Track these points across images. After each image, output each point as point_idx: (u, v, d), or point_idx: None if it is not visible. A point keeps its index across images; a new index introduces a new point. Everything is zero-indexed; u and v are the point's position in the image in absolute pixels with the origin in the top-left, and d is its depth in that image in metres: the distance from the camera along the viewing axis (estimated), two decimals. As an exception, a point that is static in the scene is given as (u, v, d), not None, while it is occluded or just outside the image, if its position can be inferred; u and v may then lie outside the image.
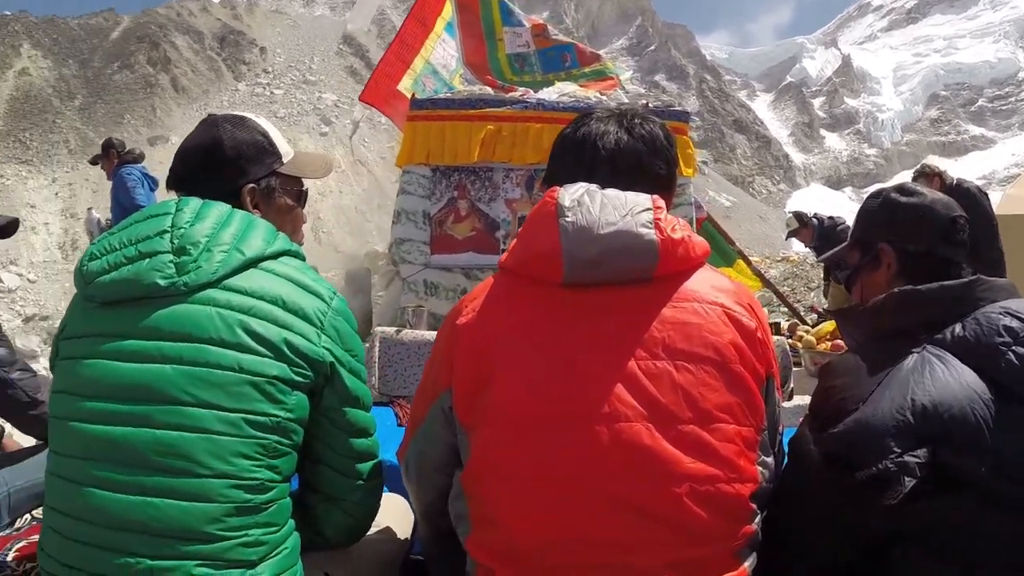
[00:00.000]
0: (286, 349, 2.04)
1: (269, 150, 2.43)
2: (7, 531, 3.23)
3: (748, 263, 9.99)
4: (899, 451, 1.84)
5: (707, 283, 2.00)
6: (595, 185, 2.03)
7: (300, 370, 2.06)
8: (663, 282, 1.96)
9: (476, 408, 1.97)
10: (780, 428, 2.16)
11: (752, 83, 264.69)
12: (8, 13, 66.95)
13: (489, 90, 7.22)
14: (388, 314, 6.63)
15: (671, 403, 1.85)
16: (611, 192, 2.00)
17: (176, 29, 70.98)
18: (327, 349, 2.12)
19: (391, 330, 4.95)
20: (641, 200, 1.98)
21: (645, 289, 1.95)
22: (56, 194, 46.77)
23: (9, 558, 2.77)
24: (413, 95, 6.96)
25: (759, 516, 1.98)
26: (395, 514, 2.70)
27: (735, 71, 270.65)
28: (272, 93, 67.29)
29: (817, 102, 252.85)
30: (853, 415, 1.95)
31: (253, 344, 2.01)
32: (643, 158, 2.17)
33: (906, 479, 1.81)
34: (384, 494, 2.50)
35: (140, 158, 10.87)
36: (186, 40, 71.03)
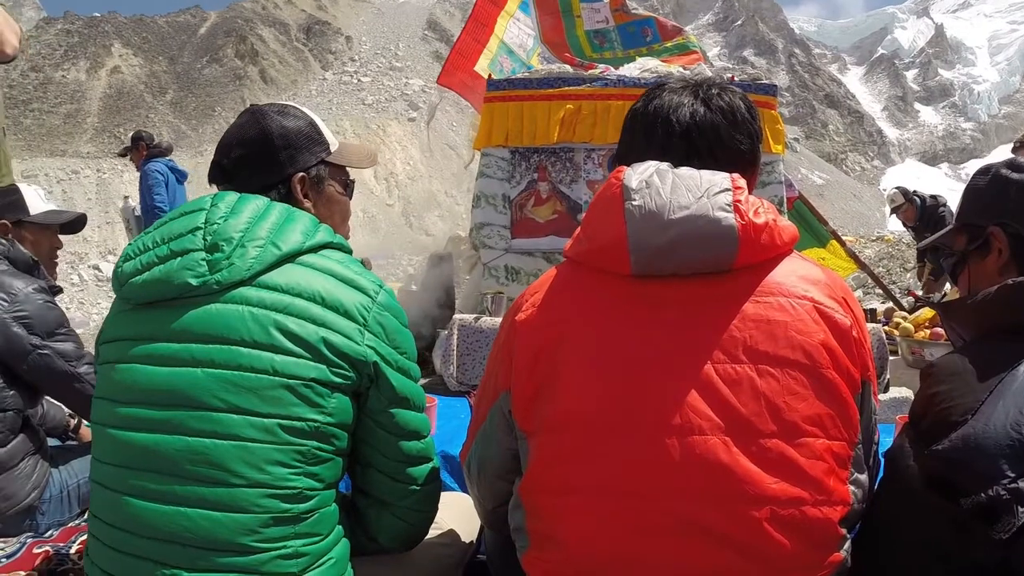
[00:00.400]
0: (324, 349, 1.92)
1: (317, 139, 2.34)
2: (77, 521, 3.34)
3: (842, 244, 9.65)
4: (1013, 476, 1.55)
5: (794, 274, 1.78)
6: (667, 164, 1.84)
7: (340, 371, 1.94)
8: (744, 273, 1.75)
9: (535, 413, 1.81)
10: (875, 437, 1.92)
11: (843, 56, 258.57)
12: (98, 14, 69.04)
13: (568, 68, 6.99)
14: (471, 300, 6.51)
15: (752, 414, 1.65)
16: (684, 171, 1.80)
17: (262, 22, 72.07)
18: (371, 347, 1.99)
19: (470, 317, 4.83)
20: (718, 180, 1.77)
21: (724, 281, 1.75)
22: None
23: (72, 550, 2.83)
24: (489, 75, 6.80)
25: (848, 541, 1.75)
26: (460, 514, 2.56)
27: (825, 44, 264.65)
28: (359, 81, 67.77)
29: (910, 74, 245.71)
30: (960, 430, 1.66)
31: (288, 344, 1.90)
32: (722, 132, 1.96)
33: (1020, 510, 1.53)
34: (450, 493, 2.41)
35: (168, 151, 10.99)
36: (272, 32, 72.07)
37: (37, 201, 3.74)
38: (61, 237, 3.91)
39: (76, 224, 3.96)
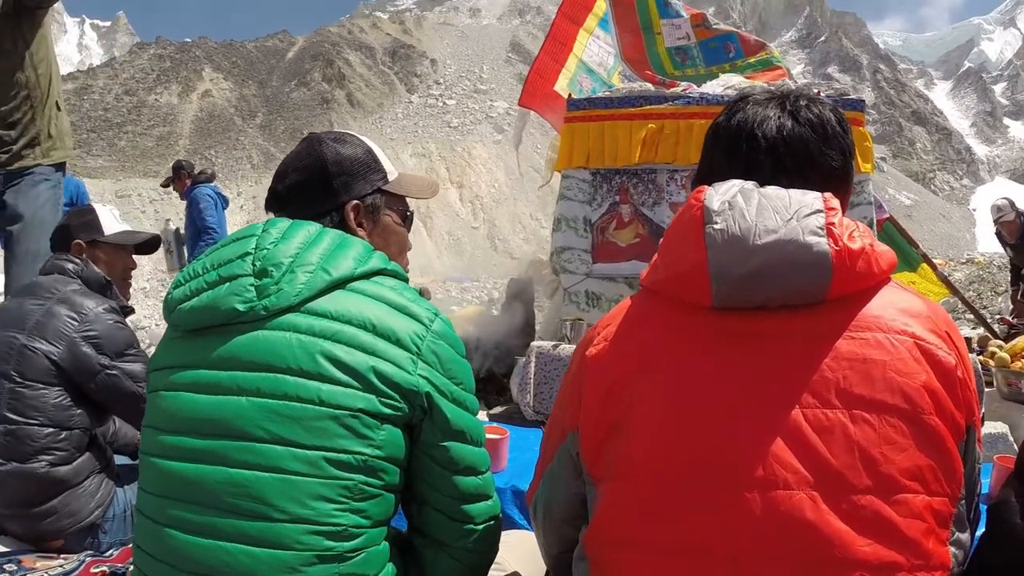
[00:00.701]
0: (374, 378, 1.81)
1: (374, 166, 2.25)
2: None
3: (933, 268, 9.35)
4: None
5: (893, 306, 1.58)
6: (751, 183, 1.67)
7: (391, 401, 1.82)
8: (837, 305, 1.57)
9: (605, 458, 1.65)
10: (978, 488, 1.71)
11: (928, 71, 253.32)
12: (189, 40, 71.96)
13: (649, 86, 6.86)
14: (551, 326, 6.42)
15: (844, 466, 1.45)
16: (771, 191, 1.63)
17: (348, 46, 73.53)
18: (424, 377, 1.87)
19: (548, 344, 4.71)
20: (809, 200, 1.59)
21: (814, 315, 1.57)
22: (241, 207, 49.25)
23: (130, 571, 2.76)
24: (569, 95, 6.69)
25: None
26: (526, 556, 2.40)
27: (910, 59, 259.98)
28: (445, 104, 68.54)
29: (998, 88, 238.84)
30: None
31: (336, 373, 1.80)
32: (812, 148, 1.78)
33: None
34: (515, 531, 2.29)
35: (212, 178, 11.11)
36: (359, 56, 73.42)
37: (111, 222, 3.75)
38: (136, 258, 3.92)
39: (150, 245, 3.96)
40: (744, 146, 1.80)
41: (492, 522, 2.07)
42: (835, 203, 1.60)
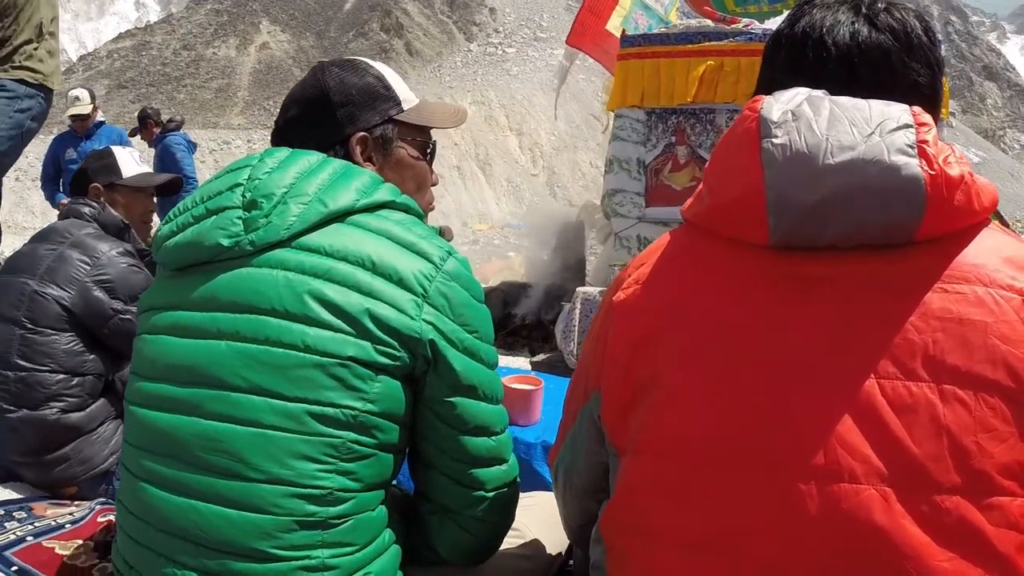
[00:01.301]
0: (369, 322, 1.59)
1: (384, 94, 2.00)
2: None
3: (1006, 227, 8.95)
4: None
5: (997, 253, 1.26)
6: (821, 91, 1.36)
7: (388, 349, 1.60)
8: (928, 248, 1.25)
9: (629, 426, 1.39)
10: None
11: (1002, 24, 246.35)
12: None
13: (709, 22, 6.56)
14: (602, 272, 6.19)
15: (928, 457, 1.15)
16: (846, 100, 1.31)
17: (408, -5, 73.58)
18: (428, 323, 1.63)
19: (594, 291, 4.50)
20: (895, 112, 1.28)
21: (899, 259, 1.25)
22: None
23: None
24: (623, 32, 6.41)
25: None
26: (549, 519, 2.13)
27: (983, 11, 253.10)
28: (504, 52, 68.15)
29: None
30: None
31: (325, 315, 1.59)
32: (893, 58, 1.44)
33: None
34: (537, 493, 2.15)
35: (180, 126, 11.02)
36: (417, 6, 73.58)
37: (131, 164, 3.65)
38: None
39: (172, 186, 3.87)
40: (811, 55, 1.49)
41: (506, 489, 1.85)
42: (927, 118, 1.28)
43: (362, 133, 1.94)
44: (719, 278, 1.36)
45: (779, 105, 1.31)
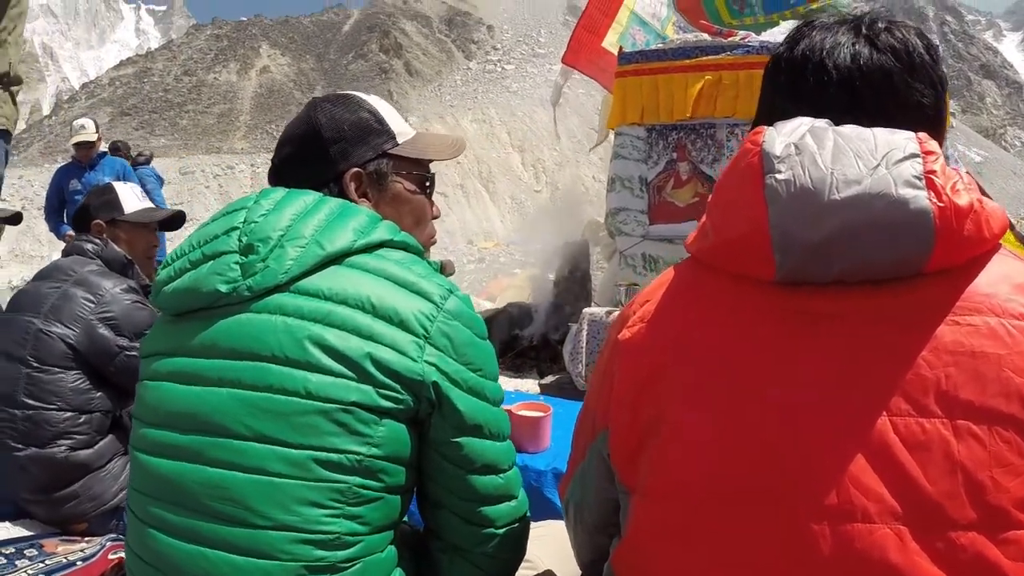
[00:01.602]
0: (371, 367, 1.57)
1: (377, 128, 1.97)
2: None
3: (1013, 230, 8.88)
4: None
5: (1009, 281, 1.23)
6: (824, 121, 1.32)
7: (391, 393, 1.58)
8: (937, 280, 1.22)
9: (639, 466, 1.36)
10: None
11: (997, 22, 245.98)
12: (245, 18, 73.91)
13: (705, 36, 6.53)
14: (607, 292, 6.18)
15: (942, 494, 1.11)
16: (850, 130, 1.28)
17: (404, 16, 74.29)
18: (432, 364, 1.61)
19: (601, 311, 4.47)
20: (900, 141, 1.24)
21: (909, 292, 1.22)
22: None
23: None
24: (620, 48, 6.39)
25: None
26: (561, 550, 2.08)
27: (978, 9, 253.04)
28: (503, 69, 68.34)
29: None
30: None
31: (326, 361, 1.57)
32: (896, 80, 1.41)
33: None
34: (549, 523, 2.13)
35: (149, 160, 11.39)
36: (415, 25, 73.92)
37: (132, 199, 3.65)
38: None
39: (174, 221, 3.85)
40: (811, 79, 1.45)
41: (516, 525, 1.83)
42: (933, 145, 1.25)
43: (356, 169, 1.92)
44: (724, 313, 1.33)
45: (781, 138, 1.28)
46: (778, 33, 6.31)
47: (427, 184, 2.07)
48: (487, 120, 53.66)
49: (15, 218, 4.94)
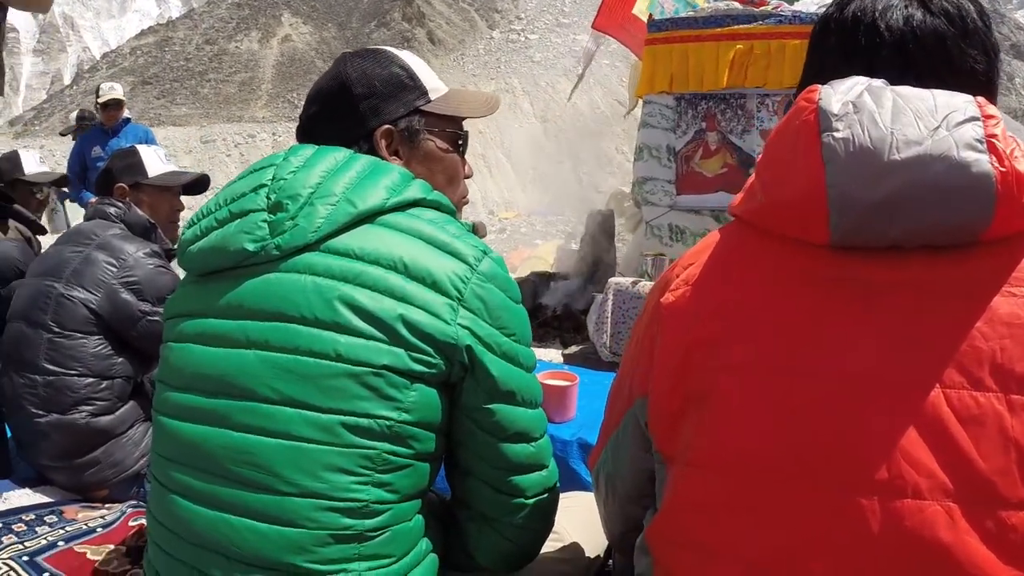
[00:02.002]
0: (403, 329, 1.53)
1: (409, 84, 1.90)
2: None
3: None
4: None
5: None
6: (881, 80, 1.28)
7: (423, 356, 1.54)
8: (994, 249, 1.18)
9: (679, 435, 1.32)
10: None
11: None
12: None
13: (736, 4, 6.43)
14: (632, 262, 6.11)
15: (995, 471, 1.09)
16: (909, 91, 1.23)
17: (427, -16, 73.94)
18: (465, 328, 1.57)
19: (627, 281, 4.40)
20: (959, 103, 1.20)
21: (965, 260, 1.19)
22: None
23: None
24: (650, 16, 6.31)
25: None
26: (589, 522, 2.08)
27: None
28: (527, 38, 68.06)
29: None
30: None
31: (357, 322, 1.53)
32: (950, 44, 1.36)
33: None
34: (576, 494, 2.11)
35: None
36: (438, -7, 73.57)
37: (156, 163, 3.59)
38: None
39: (199, 185, 3.80)
40: (863, 39, 1.40)
41: (546, 495, 1.79)
42: (992, 109, 1.21)
43: (387, 126, 1.86)
44: (773, 279, 1.29)
45: (838, 96, 1.23)
46: (810, 3, 6.21)
47: (460, 142, 2.02)
48: (510, 90, 53.53)
49: (62, 182, 5.19)
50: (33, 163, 4.88)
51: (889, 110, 1.19)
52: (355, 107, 1.84)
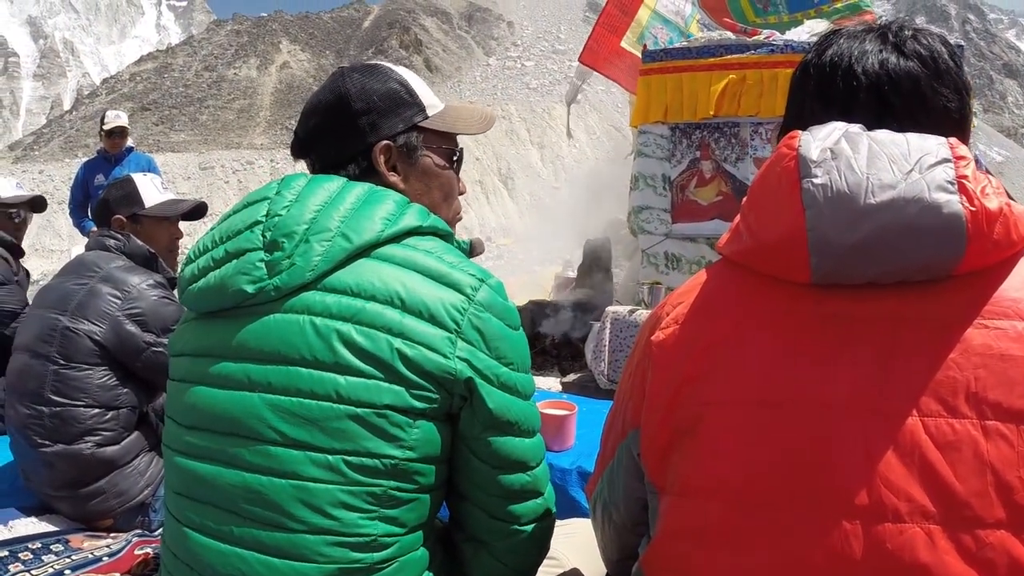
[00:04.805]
0: (401, 366, 1.53)
1: (408, 100, 1.89)
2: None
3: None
4: None
5: None
6: (858, 126, 1.33)
7: (423, 393, 1.55)
8: (966, 283, 1.24)
9: (669, 467, 1.37)
10: None
11: (1020, 20, 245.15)
12: (265, 14, 74.51)
13: (730, 34, 6.50)
14: (629, 290, 6.16)
15: (972, 493, 1.13)
16: (884, 135, 1.29)
17: (424, 12, 74.41)
18: (464, 360, 1.57)
19: (623, 310, 4.46)
20: (931, 146, 1.26)
21: (939, 294, 1.24)
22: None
23: None
24: (644, 47, 6.38)
25: None
26: (587, 548, 2.07)
27: (1000, 8, 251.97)
28: (523, 65, 68.39)
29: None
30: None
31: (355, 362, 1.54)
32: (923, 86, 1.42)
33: None
34: (575, 520, 2.11)
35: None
36: (434, 21, 74.09)
37: (153, 192, 3.55)
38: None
39: (197, 212, 3.76)
40: (840, 83, 1.46)
41: (541, 522, 1.80)
42: (964, 150, 1.27)
43: (386, 142, 1.84)
44: (759, 319, 1.34)
45: (817, 142, 1.29)
46: (802, 32, 6.28)
47: (455, 158, 2.01)
48: (506, 116, 53.72)
49: (39, 204, 4.97)
50: (9, 188, 4.87)
51: (865, 155, 1.25)
52: (354, 123, 1.83)
